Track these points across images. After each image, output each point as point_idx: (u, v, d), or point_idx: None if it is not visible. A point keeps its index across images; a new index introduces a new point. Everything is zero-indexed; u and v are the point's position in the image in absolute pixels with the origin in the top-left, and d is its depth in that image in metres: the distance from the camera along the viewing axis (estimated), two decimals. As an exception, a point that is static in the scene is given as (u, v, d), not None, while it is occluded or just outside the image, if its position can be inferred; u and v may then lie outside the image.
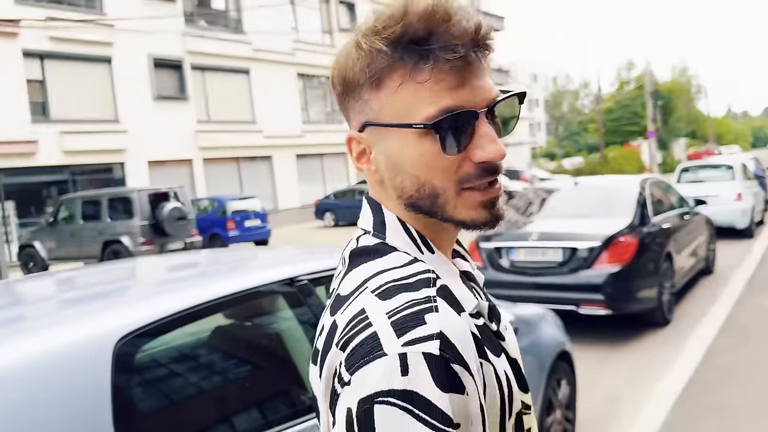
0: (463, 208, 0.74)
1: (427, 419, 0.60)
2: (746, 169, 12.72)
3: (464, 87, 0.72)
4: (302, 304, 2.28)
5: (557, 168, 36.37)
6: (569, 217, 6.59)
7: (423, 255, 0.77)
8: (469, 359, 0.66)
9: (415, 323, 0.65)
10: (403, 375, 0.61)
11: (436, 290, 0.70)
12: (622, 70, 52.41)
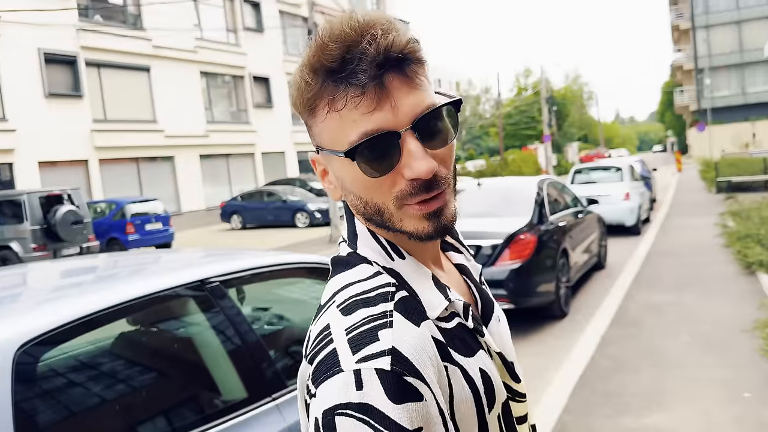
0: (408, 221, 0.77)
1: (382, 429, 0.64)
2: (633, 171, 13.66)
3: (382, 109, 0.72)
4: (214, 307, 2.24)
5: (461, 170, 37.39)
6: (473, 216, 6.81)
7: (394, 262, 0.81)
8: (424, 369, 0.69)
9: (369, 340, 0.69)
10: (358, 390, 0.66)
11: (394, 304, 0.74)
12: (520, 76, 54.81)
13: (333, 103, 0.73)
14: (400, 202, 0.75)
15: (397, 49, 0.72)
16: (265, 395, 2.18)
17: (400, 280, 0.79)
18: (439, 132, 0.75)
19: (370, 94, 0.71)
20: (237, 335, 2.23)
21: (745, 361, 4.67)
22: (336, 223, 16.67)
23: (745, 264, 7.83)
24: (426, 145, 0.74)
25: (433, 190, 0.74)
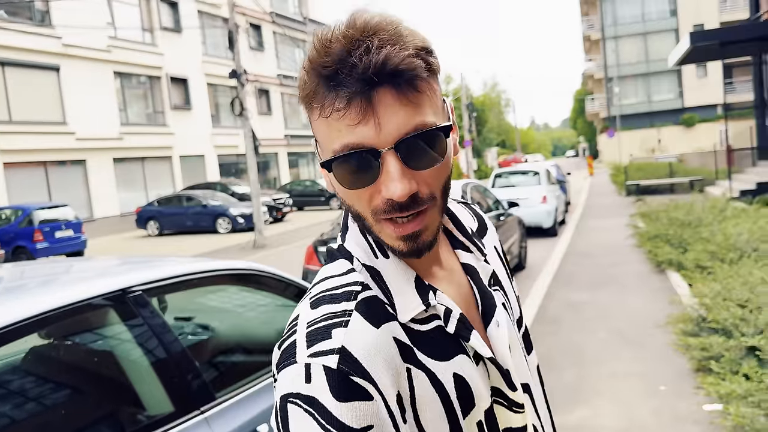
0: (385, 236, 0.76)
1: (324, 424, 0.67)
2: (550, 175, 14.21)
3: (366, 124, 0.70)
4: (136, 318, 2.11)
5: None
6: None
7: (377, 260, 0.81)
8: (375, 370, 0.70)
9: (322, 337, 0.71)
10: (307, 382, 0.69)
11: (356, 304, 0.75)
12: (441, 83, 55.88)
13: (323, 108, 0.72)
14: (376, 216, 0.75)
15: (391, 65, 0.69)
16: (193, 408, 2.09)
17: (378, 278, 0.79)
18: (423, 154, 0.73)
19: (355, 107, 0.69)
20: (161, 347, 2.12)
21: (659, 355, 4.92)
22: (260, 228, 16.37)
23: (655, 263, 8.28)
24: (409, 166, 0.72)
25: (409, 210, 0.73)
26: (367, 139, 0.70)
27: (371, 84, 0.69)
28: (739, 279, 5.18)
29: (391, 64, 0.69)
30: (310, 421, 0.67)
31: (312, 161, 37.18)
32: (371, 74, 0.68)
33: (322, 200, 27.54)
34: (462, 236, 0.90)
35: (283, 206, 23.46)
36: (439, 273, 0.84)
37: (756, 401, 3.22)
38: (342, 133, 0.71)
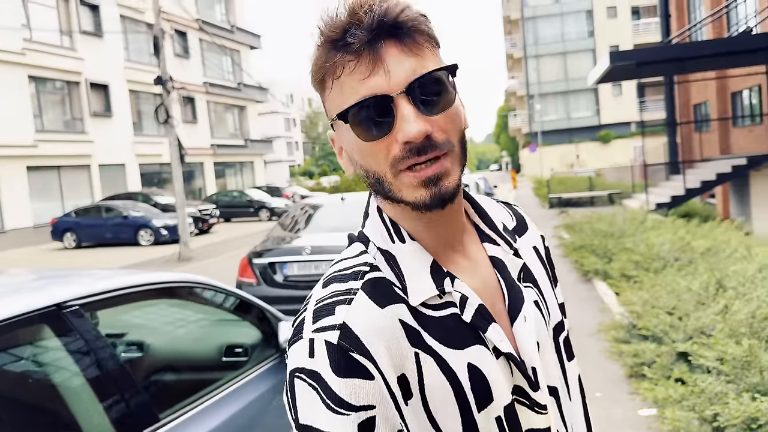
0: (406, 190, 0.76)
1: (325, 398, 0.70)
2: (479, 187, 14.50)
3: (376, 74, 0.73)
4: (73, 334, 1.94)
5: (316, 186, 37.55)
6: (339, 230, 6.77)
7: (393, 244, 0.81)
8: (375, 349, 0.72)
9: (326, 313, 0.75)
10: (310, 357, 0.72)
11: (362, 284, 0.77)
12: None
13: (334, 71, 0.76)
14: (395, 168, 0.75)
15: (391, 17, 0.74)
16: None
17: (392, 262, 0.80)
18: (435, 97, 0.75)
19: (364, 59, 0.74)
20: (101, 366, 1.97)
21: (592, 362, 5.06)
22: (186, 240, 15.84)
23: (582, 272, 8.58)
24: (422, 111, 0.74)
25: (427, 153, 0.74)
26: (379, 88, 0.73)
27: (377, 35, 0.73)
28: (666, 287, 5.42)
29: (391, 15, 0.74)
30: (313, 395, 0.70)
31: (240, 171, 36.46)
32: (376, 25, 0.73)
33: (251, 211, 26.98)
34: (489, 229, 0.88)
35: (210, 217, 22.81)
36: (462, 263, 0.83)
37: (691, 405, 3.35)
38: (356, 88, 0.74)
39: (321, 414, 0.69)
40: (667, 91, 21.73)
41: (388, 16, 0.73)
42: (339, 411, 0.69)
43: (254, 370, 2.75)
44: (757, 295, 4.29)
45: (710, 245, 7.16)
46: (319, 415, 0.70)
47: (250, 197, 27.32)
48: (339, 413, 0.69)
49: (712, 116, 22.14)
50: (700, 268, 5.78)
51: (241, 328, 3.01)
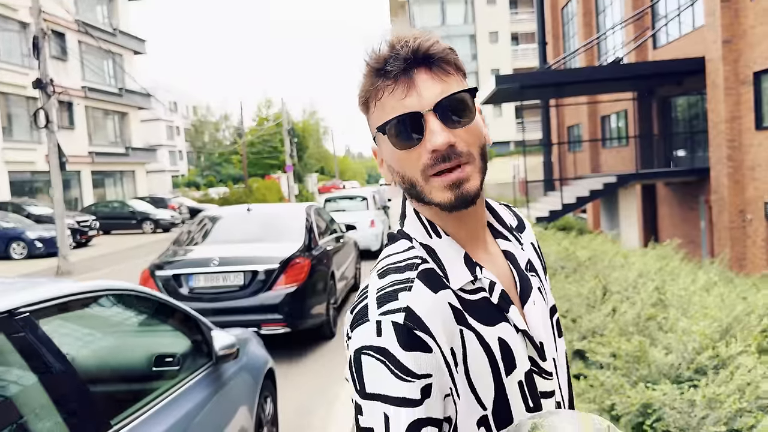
0: (435, 193, 0.92)
1: (393, 369, 0.83)
2: (376, 200, 14.83)
3: (410, 95, 0.90)
4: (26, 342, 1.90)
5: (204, 197, 36.38)
6: (246, 242, 6.75)
7: (431, 239, 0.96)
8: (434, 327, 0.86)
9: (390, 299, 0.87)
10: (378, 336, 0.85)
11: (417, 273, 0.91)
12: (262, 106, 55.50)
13: (376, 93, 0.93)
14: (425, 174, 0.91)
15: (422, 50, 0.91)
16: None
17: (433, 255, 0.95)
18: (457, 114, 0.91)
19: (401, 84, 0.91)
20: (56, 374, 1.93)
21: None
22: (65, 254, 14.85)
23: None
24: (447, 125, 0.90)
25: (451, 160, 0.90)
26: (413, 107, 0.90)
27: (411, 65, 0.90)
28: (557, 293, 5.90)
29: (423, 49, 0.91)
30: (381, 367, 0.83)
31: (120, 181, 34.54)
32: (410, 57, 0.90)
33: (133, 223, 25.68)
34: (501, 227, 1.06)
35: (89, 229, 21.48)
36: (483, 256, 0.98)
37: (591, 397, 3.72)
38: (393, 107, 0.91)
39: (390, 382, 0.83)
40: (543, 113, 23.33)
41: (421, 49, 0.90)
42: (406, 379, 0.83)
43: (192, 377, 2.76)
44: (641, 298, 4.83)
45: (591, 254, 7.84)
46: (388, 383, 0.83)
47: (133, 208, 26.01)
48: (406, 380, 0.83)
49: (584, 137, 24.06)
50: (587, 275, 6.34)
51: (174, 336, 2.99)
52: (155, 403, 2.38)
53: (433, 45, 0.92)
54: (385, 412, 0.83)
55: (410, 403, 0.83)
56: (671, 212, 18.06)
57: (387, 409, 0.83)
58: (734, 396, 3.25)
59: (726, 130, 13.78)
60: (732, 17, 13.58)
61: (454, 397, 0.88)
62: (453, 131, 0.90)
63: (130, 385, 2.54)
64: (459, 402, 0.89)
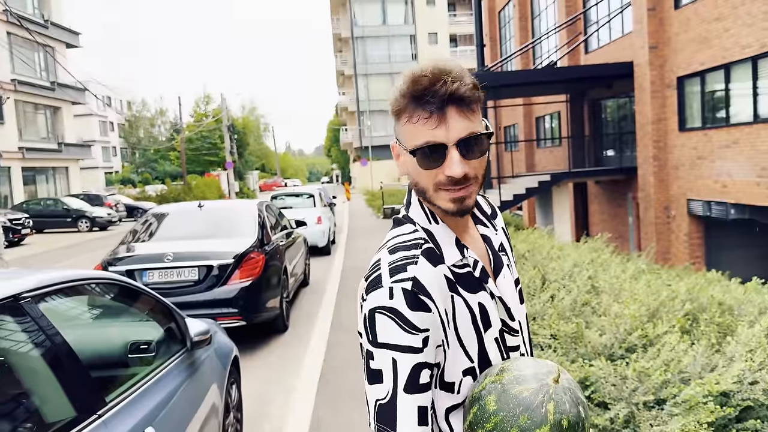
0: (441, 201, 1.16)
1: (402, 324, 1.08)
2: (322, 197, 14.99)
3: (440, 128, 1.11)
4: (30, 324, 2.04)
5: (141, 194, 35.46)
6: (199, 237, 6.82)
7: (431, 225, 1.21)
8: (434, 293, 1.11)
9: (400, 270, 1.12)
10: (390, 299, 1.09)
11: (421, 251, 1.16)
12: (200, 102, 54.46)
13: (411, 117, 1.14)
14: (436, 187, 1.15)
15: (458, 94, 1.11)
16: (92, 413, 2.10)
17: (431, 237, 1.20)
18: (474, 149, 1.14)
19: (435, 117, 1.11)
20: (57, 354, 2.09)
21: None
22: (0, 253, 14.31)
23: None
24: (465, 157, 1.13)
25: (461, 185, 1.14)
26: (440, 138, 1.11)
27: (445, 104, 1.11)
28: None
29: (458, 94, 1.11)
30: (391, 323, 1.07)
31: (53, 178, 33.25)
32: (446, 98, 1.10)
33: (68, 221, 24.86)
34: (481, 215, 1.34)
35: (22, 227, 20.70)
36: (468, 239, 1.25)
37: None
38: (424, 134, 1.12)
39: (398, 334, 1.07)
40: (482, 113, 23.97)
41: (457, 92, 1.10)
42: (411, 332, 1.07)
43: (171, 361, 2.93)
44: (576, 286, 5.25)
45: (529, 248, 8.31)
46: (397, 335, 1.07)
47: (68, 206, 25.17)
48: (411, 333, 1.07)
49: (520, 138, 24.93)
50: (527, 266, 6.76)
51: (155, 324, 3.13)
52: (142, 383, 2.55)
53: (467, 89, 1.11)
54: (393, 357, 1.07)
55: (414, 350, 1.07)
56: (601, 209, 19.03)
57: (395, 355, 1.07)
58: (660, 370, 3.68)
59: (652, 132, 14.68)
60: (658, 25, 14.48)
61: (444, 347, 1.13)
62: (468, 162, 1.13)
63: (117, 367, 2.69)
64: (448, 351, 1.14)
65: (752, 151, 11.59)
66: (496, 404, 1.07)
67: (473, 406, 1.12)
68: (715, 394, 3.50)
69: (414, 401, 1.08)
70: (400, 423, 1.08)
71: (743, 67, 11.94)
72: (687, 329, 4.64)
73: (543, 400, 1.06)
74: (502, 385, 1.09)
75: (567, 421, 1.05)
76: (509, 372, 1.11)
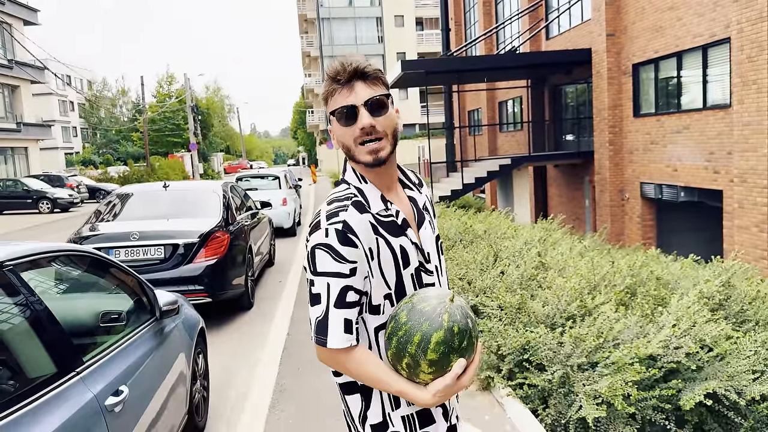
0: (361, 156, 1.52)
1: (334, 256, 1.43)
2: (287, 179, 15.13)
3: (351, 95, 1.50)
4: (14, 290, 2.25)
5: (103, 175, 34.89)
6: (165, 216, 6.97)
7: (360, 184, 1.56)
8: (360, 233, 1.45)
9: (334, 216, 1.46)
10: (326, 237, 1.44)
11: (351, 202, 1.50)
12: (163, 82, 53.50)
13: (331, 93, 1.53)
14: (356, 143, 1.51)
15: (360, 69, 1.50)
16: (71, 370, 2.32)
17: (361, 193, 1.54)
18: (377, 108, 1.51)
19: (346, 89, 1.51)
20: (40, 317, 2.30)
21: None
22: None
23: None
24: (371, 114, 1.50)
25: (371, 135, 1.50)
26: (351, 101, 1.49)
27: (352, 78, 1.50)
28: (455, 261, 6.62)
29: (360, 68, 1.51)
30: (327, 255, 1.43)
31: (12, 158, 32.49)
32: (352, 74, 1.50)
33: (28, 202, 24.45)
34: (409, 182, 1.69)
35: (-20, 209, 20.31)
36: (394, 198, 1.61)
37: (481, 341, 4.40)
38: (341, 101, 1.50)
39: (332, 264, 1.43)
40: (446, 98, 24.36)
41: (359, 69, 1.50)
42: (341, 262, 1.43)
43: (143, 328, 3.15)
44: (524, 261, 5.61)
45: (486, 228, 8.68)
46: (331, 264, 1.43)
47: (28, 187, 24.73)
48: (341, 263, 1.43)
49: (483, 122, 25.34)
50: (482, 245, 7.11)
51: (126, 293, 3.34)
52: (116, 347, 2.78)
53: (367, 66, 1.52)
54: (327, 282, 1.43)
55: (343, 275, 1.43)
56: (560, 191, 19.60)
57: (329, 280, 1.43)
58: (594, 336, 4.04)
59: (608, 117, 15.19)
60: (615, 13, 14.93)
61: (370, 278, 1.48)
62: (375, 119, 1.49)
63: (92, 333, 2.89)
64: (373, 280, 1.48)
65: (701, 137, 12.15)
66: (407, 317, 1.42)
67: (391, 322, 1.46)
68: (642, 357, 3.88)
69: (341, 314, 1.43)
70: (331, 331, 1.44)
71: (694, 55, 12.46)
72: (625, 302, 5.03)
73: (440, 312, 1.40)
74: (411, 304, 1.44)
75: (458, 327, 1.40)
76: (417, 295, 1.47)
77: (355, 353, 1.45)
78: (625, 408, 3.44)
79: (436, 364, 1.39)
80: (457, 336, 1.39)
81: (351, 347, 1.45)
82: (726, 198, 11.44)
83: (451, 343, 1.38)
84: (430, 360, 1.38)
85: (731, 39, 10.94)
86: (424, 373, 1.40)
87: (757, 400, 3.74)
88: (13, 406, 1.97)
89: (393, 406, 1.54)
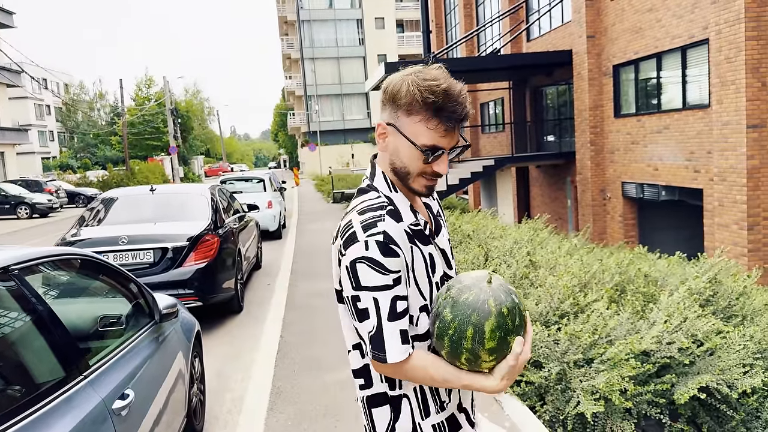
0: (417, 185, 1.52)
1: (377, 269, 1.38)
2: (272, 182, 15.08)
3: (445, 137, 1.46)
4: (21, 294, 2.23)
5: (82, 180, 34.43)
6: (153, 220, 6.92)
7: (391, 193, 1.53)
8: (400, 242, 1.42)
9: (372, 227, 1.41)
10: (366, 250, 1.39)
11: (386, 211, 1.46)
12: (142, 85, 52.96)
13: (427, 121, 1.44)
14: (419, 174, 1.50)
15: (467, 117, 1.46)
16: (78, 375, 2.31)
17: (392, 202, 1.51)
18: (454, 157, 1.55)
19: (446, 129, 1.45)
20: (47, 322, 2.28)
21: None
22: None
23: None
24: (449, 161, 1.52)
25: (437, 178, 1.51)
26: (442, 144, 1.46)
27: (458, 123, 1.45)
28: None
29: (467, 117, 1.46)
30: (369, 269, 1.38)
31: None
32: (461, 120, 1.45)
33: (6, 208, 24.06)
34: None
35: (-43, 215, 19.95)
36: (416, 206, 1.59)
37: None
38: (434, 138, 1.45)
39: (376, 277, 1.38)
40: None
41: (467, 116, 1.46)
42: (385, 273, 1.38)
43: (143, 332, 3.14)
44: (515, 261, 5.67)
45: (474, 228, 8.74)
46: (375, 278, 1.38)
47: (6, 192, 24.33)
48: (385, 274, 1.38)
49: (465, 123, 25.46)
50: (472, 244, 7.17)
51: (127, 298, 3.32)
52: (119, 350, 2.77)
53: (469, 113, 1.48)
54: (374, 297, 1.38)
55: (389, 287, 1.39)
56: (542, 192, 19.78)
57: (375, 294, 1.38)
58: (589, 333, 4.10)
59: (589, 118, 15.38)
60: (595, 15, 15.12)
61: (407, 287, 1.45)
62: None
63: (95, 337, 2.87)
64: (409, 290, 1.46)
65: (681, 136, 12.36)
66: (452, 313, 1.39)
67: (435, 322, 1.43)
68: (636, 353, 3.95)
69: (396, 326, 1.40)
70: (388, 346, 1.40)
71: (674, 56, 12.67)
72: (615, 299, 5.11)
73: (484, 299, 1.37)
74: (452, 299, 1.41)
75: (506, 308, 1.37)
76: (453, 288, 1.43)
77: (414, 360, 1.43)
78: (623, 403, 3.50)
79: (496, 351, 1.37)
80: (509, 317, 1.37)
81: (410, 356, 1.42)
82: (706, 196, 11.64)
83: (504, 325, 1.36)
84: (489, 349, 1.36)
85: (710, 40, 11.15)
86: (485, 362, 1.39)
87: (748, 393, 3.83)
88: (24, 411, 1.96)
89: (423, 415, 1.53)
